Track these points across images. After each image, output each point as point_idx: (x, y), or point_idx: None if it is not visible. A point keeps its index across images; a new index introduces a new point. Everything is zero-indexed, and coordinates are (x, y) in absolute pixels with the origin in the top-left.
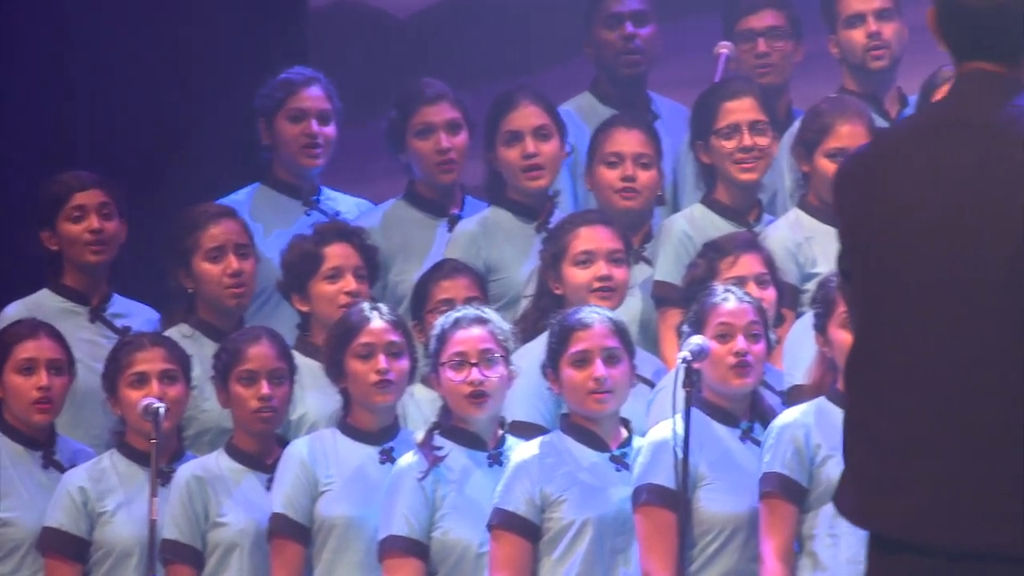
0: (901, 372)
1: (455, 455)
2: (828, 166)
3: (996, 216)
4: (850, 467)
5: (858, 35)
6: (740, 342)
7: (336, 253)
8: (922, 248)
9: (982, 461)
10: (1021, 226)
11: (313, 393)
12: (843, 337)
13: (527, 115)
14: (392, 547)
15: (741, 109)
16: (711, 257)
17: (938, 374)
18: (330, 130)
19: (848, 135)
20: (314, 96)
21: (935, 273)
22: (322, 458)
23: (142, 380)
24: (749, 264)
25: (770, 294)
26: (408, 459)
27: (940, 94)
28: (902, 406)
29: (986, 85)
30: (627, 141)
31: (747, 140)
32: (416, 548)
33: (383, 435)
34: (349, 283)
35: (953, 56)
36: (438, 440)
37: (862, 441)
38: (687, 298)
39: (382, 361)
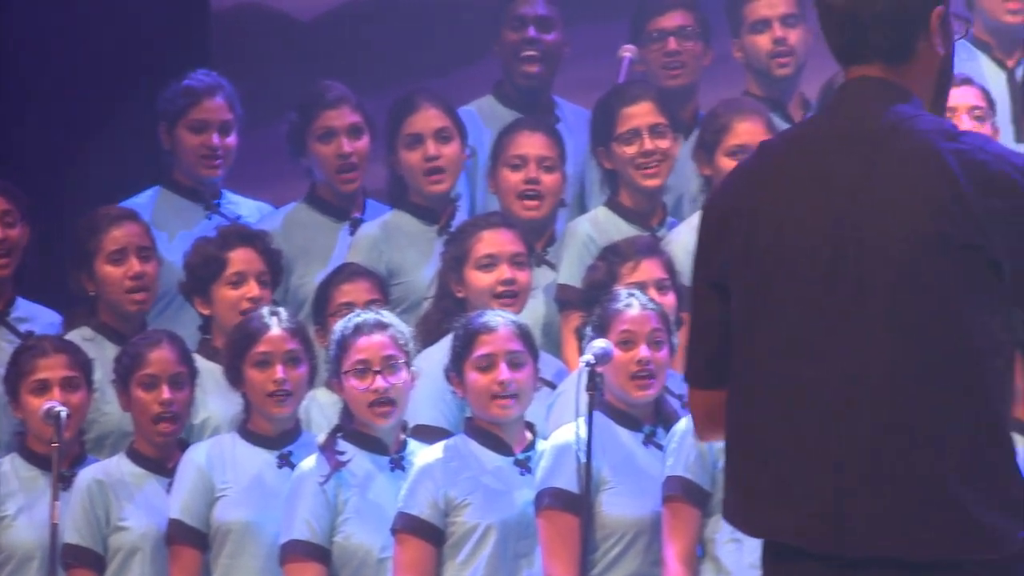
0: (786, 383)
1: (357, 459)
2: (729, 166)
3: (879, 228)
4: (735, 475)
5: (763, 41)
6: (643, 350)
7: (239, 258)
8: (806, 260)
9: (872, 467)
10: (904, 238)
11: (216, 397)
12: None
13: (427, 118)
14: (293, 552)
15: (640, 113)
16: (611, 261)
17: (823, 384)
18: (231, 140)
19: (747, 133)
20: (216, 106)
21: (820, 285)
22: (219, 463)
23: (43, 387)
24: (649, 269)
25: (670, 299)
26: (310, 463)
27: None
28: (788, 414)
29: (868, 92)
30: (530, 144)
31: (647, 144)
32: (317, 552)
33: (283, 440)
34: (252, 289)
35: (838, 62)
36: (340, 444)
37: (748, 449)
38: (587, 301)
39: (279, 371)
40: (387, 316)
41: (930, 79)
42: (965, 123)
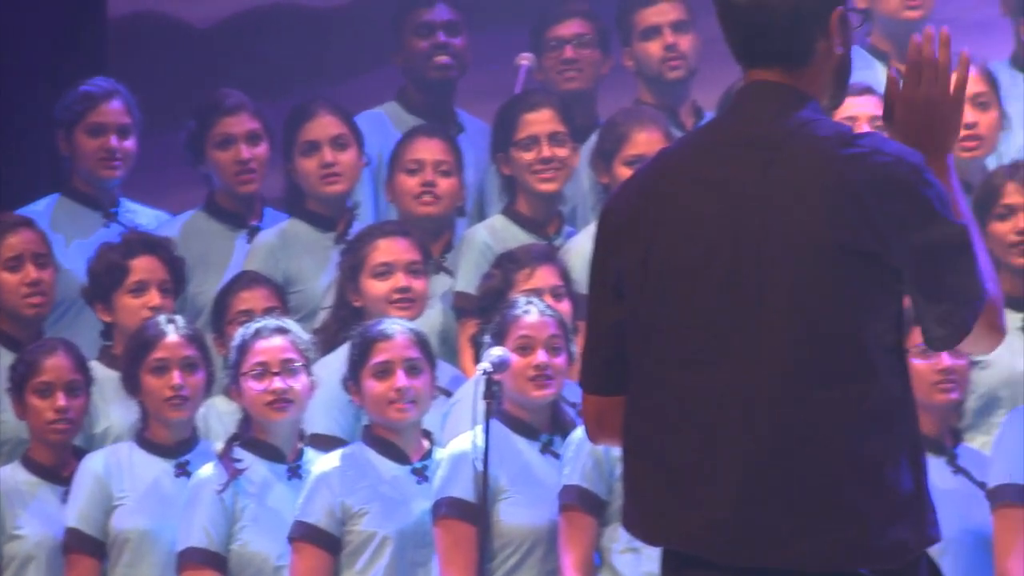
0: (682, 393)
1: (255, 467)
2: (628, 175)
3: (775, 236)
4: (634, 483)
5: (654, 47)
6: (541, 355)
7: (142, 267)
8: (702, 268)
9: (769, 477)
10: (800, 246)
11: (117, 406)
12: None
13: (324, 125)
14: (190, 559)
15: (540, 120)
16: (507, 268)
17: (720, 392)
18: (130, 144)
19: (645, 142)
20: (114, 110)
21: (716, 293)
22: (117, 472)
23: None
24: (545, 276)
25: (565, 306)
26: (207, 471)
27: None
28: (686, 423)
29: (766, 98)
30: (427, 148)
31: (546, 151)
32: (214, 560)
33: (180, 448)
34: (153, 298)
35: (738, 63)
36: (238, 452)
37: (646, 457)
38: (483, 309)
39: (176, 376)
40: (287, 322)
41: (828, 79)
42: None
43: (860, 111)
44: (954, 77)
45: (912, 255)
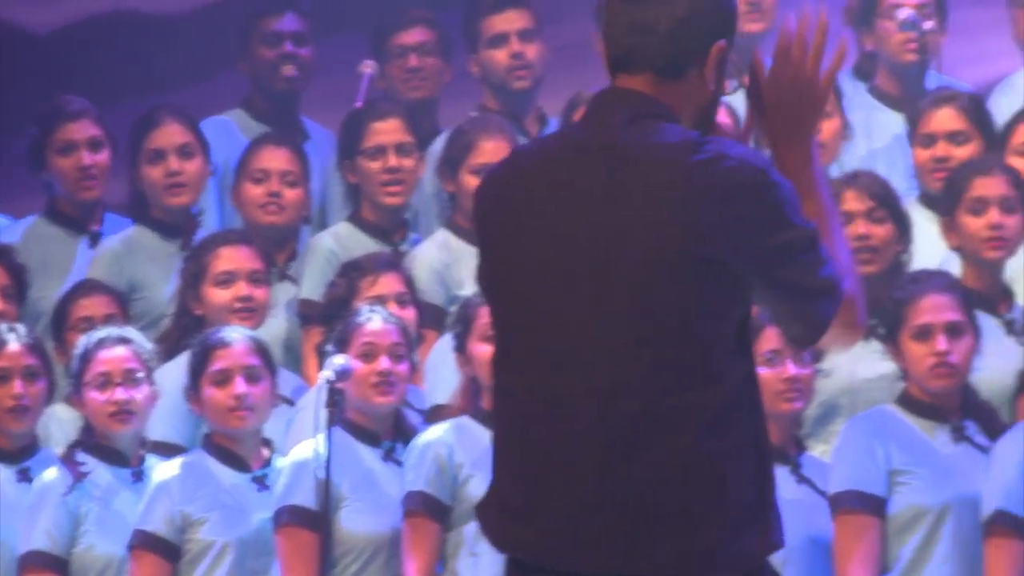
0: (535, 398)
1: (99, 471)
2: (474, 183)
3: (621, 243)
4: (492, 488)
5: (501, 55)
6: (383, 362)
7: None
8: (552, 273)
9: (611, 485)
10: (645, 254)
11: None
12: (482, 350)
13: (170, 133)
14: (32, 563)
15: (387, 130)
16: (351, 276)
17: (568, 401)
18: None
19: (492, 151)
20: None
21: (564, 298)
22: None
23: None
24: (389, 284)
25: (409, 314)
26: (51, 474)
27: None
28: (537, 432)
29: (623, 104)
30: (274, 158)
31: (392, 162)
32: (56, 564)
33: (21, 454)
34: None
35: (608, 68)
36: (81, 456)
37: (503, 461)
38: (328, 317)
39: (18, 386)
40: (130, 332)
41: (692, 108)
42: None
43: None
44: (827, 62)
45: (762, 258)
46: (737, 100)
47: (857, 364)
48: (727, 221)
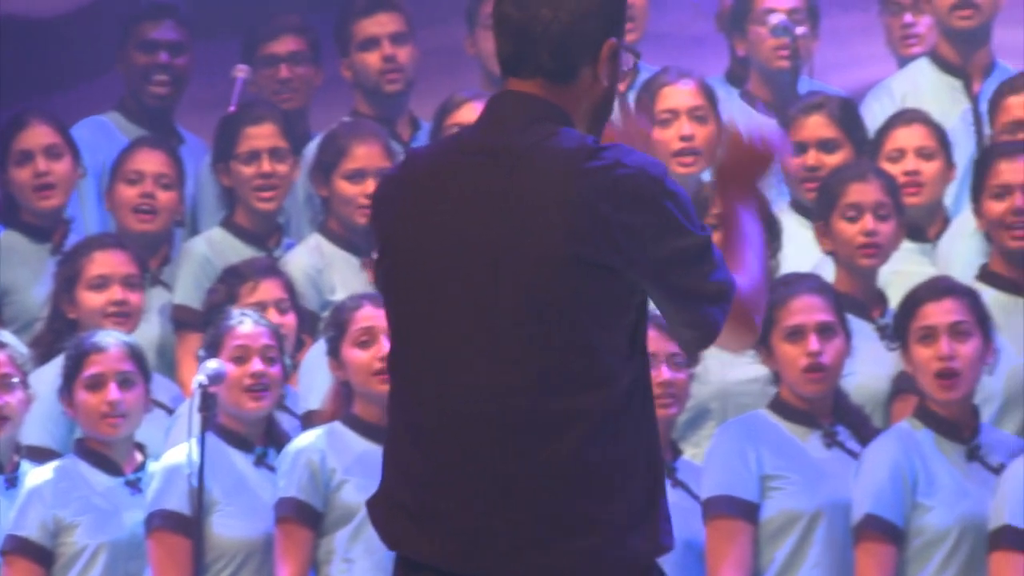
0: (426, 397)
1: None
2: (347, 188)
3: (514, 247)
4: (384, 485)
5: (372, 59)
6: (256, 364)
7: None
8: (445, 276)
9: (505, 489)
10: (538, 258)
11: None
12: (356, 356)
13: (37, 135)
14: None
15: (261, 135)
16: (231, 283)
17: (458, 402)
18: None
19: (365, 156)
20: None
21: (460, 301)
22: None
23: None
24: (269, 290)
25: (290, 319)
26: None
27: (454, 119)
28: (428, 431)
29: (518, 108)
30: (149, 160)
31: (266, 166)
32: None
33: None
34: None
35: (501, 72)
36: None
37: (396, 462)
38: (207, 323)
39: None
40: (5, 335)
41: (588, 107)
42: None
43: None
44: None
45: (655, 265)
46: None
47: (728, 368)
48: (621, 228)
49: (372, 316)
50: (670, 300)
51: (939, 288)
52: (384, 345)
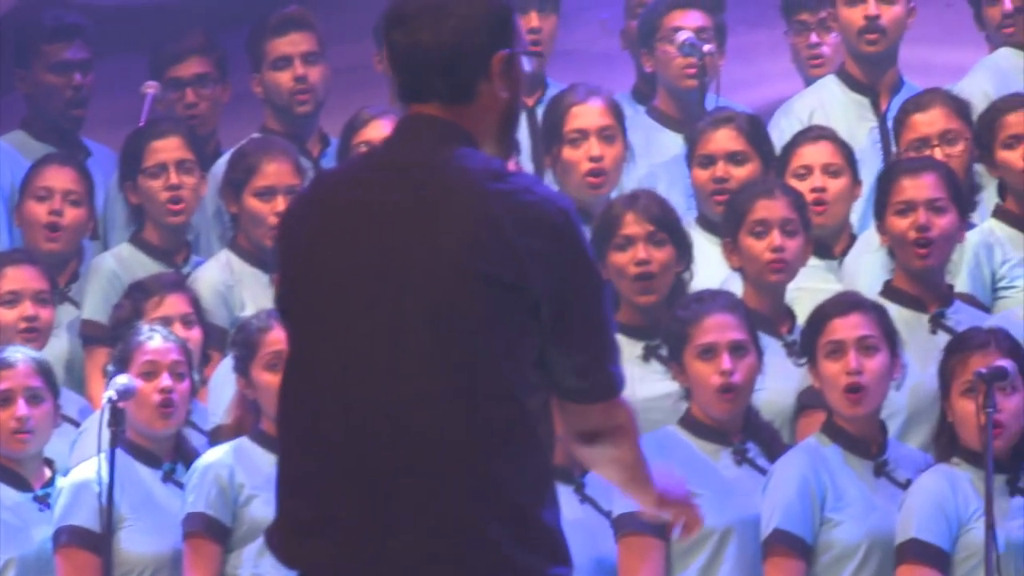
0: (329, 415)
1: None
2: (257, 205)
3: (421, 265)
4: (281, 504)
5: (284, 78)
6: (165, 379)
7: None
8: (351, 294)
9: (408, 504)
10: (444, 276)
11: None
12: (267, 379)
13: None
14: None
15: (167, 148)
16: (137, 298)
17: (361, 418)
18: None
19: (275, 173)
20: None
21: (364, 319)
22: None
23: None
24: (175, 304)
25: (196, 334)
26: None
27: (361, 136)
28: (334, 446)
29: (423, 129)
30: (58, 177)
31: (173, 179)
32: None
33: None
34: None
35: (399, 99)
36: None
37: (293, 479)
38: (115, 338)
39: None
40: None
41: (492, 121)
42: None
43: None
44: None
45: (552, 295)
46: None
47: (639, 384)
48: (525, 251)
49: (281, 339)
50: (565, 337)
51: (846, 303)
52: None
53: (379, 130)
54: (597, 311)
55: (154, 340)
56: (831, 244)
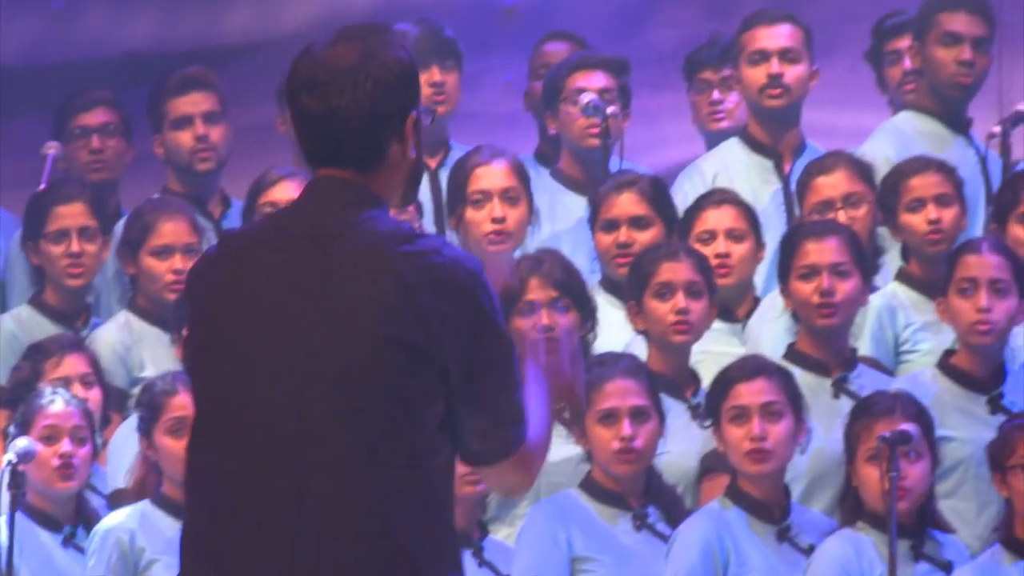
0: (233, 478)
1: None
2: (154, 264)
3: (329, 328)
4: (183, 569)
5: (185, 137)
6: (66, 444)
7: None
8: (260, 355)
9: (319, 562)
10: (352, 338)
11: None
12: (169, 444)
13: None
14: None
15: (71, 214)
16: (36, 359)
17: (270, 481)
18: None
19: (172, 233)
20: None
21: (272, 380)
22: None
23: None
24: (74, 364)
25: (96, 394)
26: None
27: (268, 196)
28: (235, 512)
29: (331, 192)
30: None
31: (75, 246)
32: None
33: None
34: None
35: (308, 163)
36: None
37: (196, 548)
38: (13, 400)
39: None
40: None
41: (400, 180)
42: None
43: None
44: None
45: (460, 358)
46: None
47: None
48: (434, 314)
49: (186, 404)
50: (465, 401)
51: (751, 368)
52: None
53: (286, 191)
54: (503, 374)
55: (56, 404)
56: (734, 307)
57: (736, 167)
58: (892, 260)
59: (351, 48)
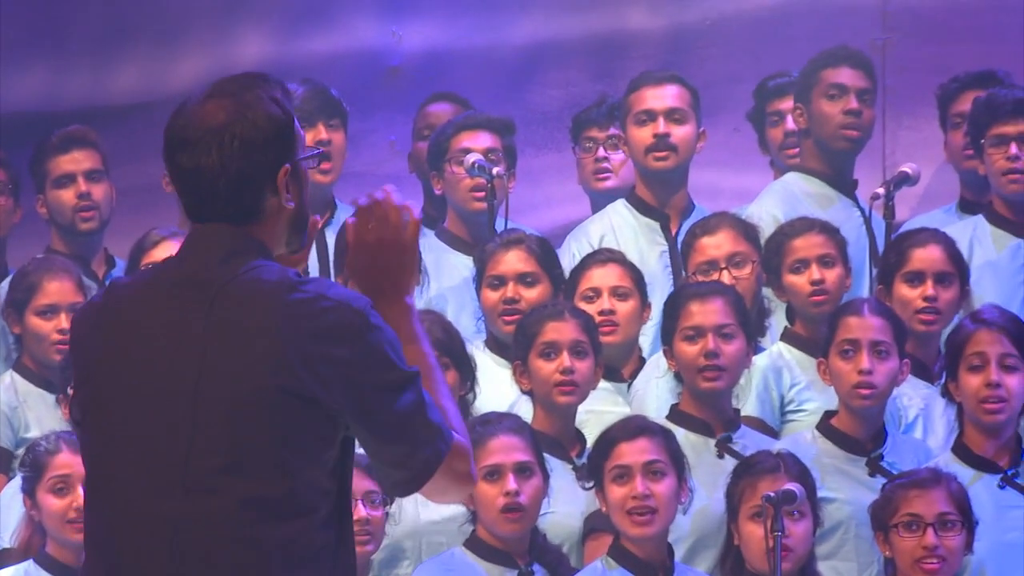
0: (122, 531)
1: None
2: (39, 324)
3: (216, 381)
4: None
5: (67, 195)
6: None
7: None
8: (146, 408)
9: None
10: (240, 391)
11: None
12: (51, 502)
13: None
14: None
15: None
16: None
17: (158, 535)
18: None
19: (57, 292)
20: None
21: (158, 432)
22: None
23: None
24: None
25: None
26: None
27: (150, 256)
28: (113, 566)
29: (214, 242)
30: None
31: None
32: None
33: None
34: None
35: (187, 218)
36: None
37: None
38: None
39: None
40: None
41: (282, 228)
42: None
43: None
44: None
45: (361, 399)
46: None
47: (422, 507)
48: (324, 360)
49: (69, 463)
50: (376, 437)
51: (633, 428)
52: (80, 494)
53: (168, 251)
54: (403, 403)
55: None
56: (620, 367)
57: (623, 229)
58: (778, 320)
59: (220, 107)
